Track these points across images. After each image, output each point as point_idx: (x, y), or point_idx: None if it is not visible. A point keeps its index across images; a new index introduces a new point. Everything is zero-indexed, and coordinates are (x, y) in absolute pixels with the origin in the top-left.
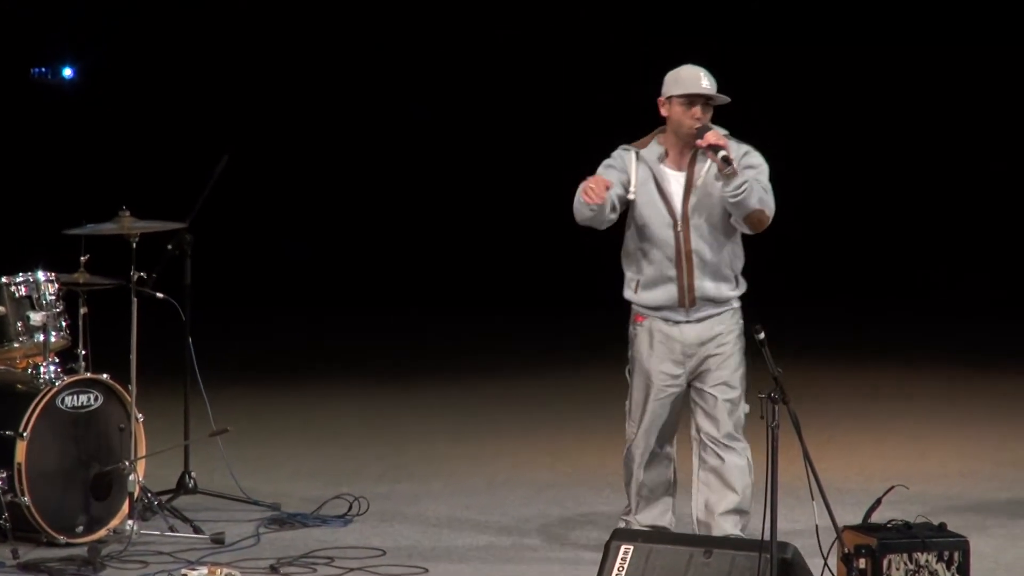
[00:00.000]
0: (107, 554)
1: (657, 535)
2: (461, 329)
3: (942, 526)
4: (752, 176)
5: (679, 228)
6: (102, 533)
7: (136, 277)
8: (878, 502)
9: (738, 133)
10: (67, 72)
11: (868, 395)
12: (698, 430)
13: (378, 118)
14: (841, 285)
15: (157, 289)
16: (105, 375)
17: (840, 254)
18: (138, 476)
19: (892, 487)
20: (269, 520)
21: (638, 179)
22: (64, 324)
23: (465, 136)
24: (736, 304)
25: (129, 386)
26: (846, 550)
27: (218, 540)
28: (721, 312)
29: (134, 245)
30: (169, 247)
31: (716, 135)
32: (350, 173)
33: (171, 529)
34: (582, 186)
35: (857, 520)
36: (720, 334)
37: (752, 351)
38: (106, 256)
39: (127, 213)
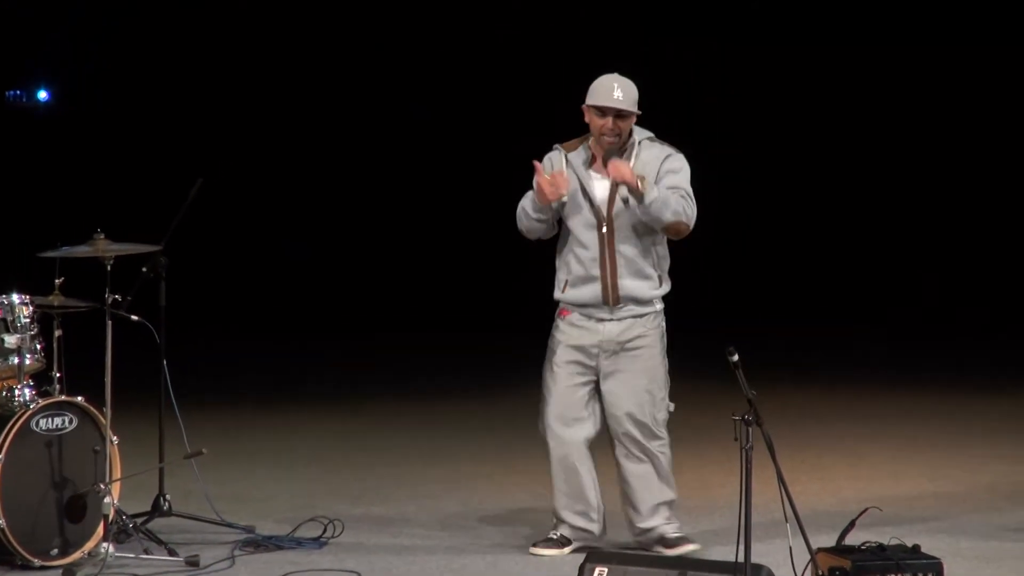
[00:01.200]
0: None
1: (632, 557)
2: (438, 349)
3: (916, 548)
4: (674, 183)
5: (604, 230)
6: (77, 556)
7: (111, 300)
8: (852, 524)
9: (737, 132)
10: (42, 95)
11: (842, 417)
12: (616, 429)
13: (378, 118)
14: (815, 306)
15: (132, 312)
16: (80, 398)
17: (818, 274)
18: (113, 498)
19: (866, 509)
20: (244, 542)
21: (569, 183)
22: (39, 347)
23: (465, 136)
24: (659, 306)
25: (104, 408)
26: (820, 572)
27: (193, 563)
28: (644, 314)
29: (109, 268)
30: (144, 270)
31: (619, 171)
32: (350, 173)
33: (146, 552)
34: (536, 186)
35: (831, 542)
36: (640, 335)
37: (726, 373)
38: (81, 279)
39: (102, 236)
